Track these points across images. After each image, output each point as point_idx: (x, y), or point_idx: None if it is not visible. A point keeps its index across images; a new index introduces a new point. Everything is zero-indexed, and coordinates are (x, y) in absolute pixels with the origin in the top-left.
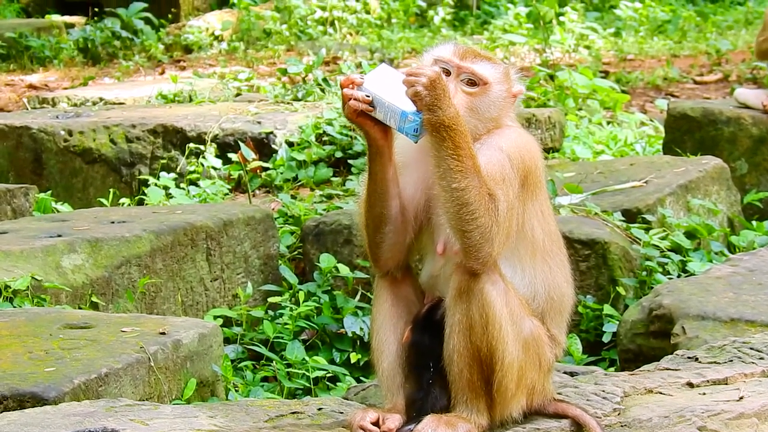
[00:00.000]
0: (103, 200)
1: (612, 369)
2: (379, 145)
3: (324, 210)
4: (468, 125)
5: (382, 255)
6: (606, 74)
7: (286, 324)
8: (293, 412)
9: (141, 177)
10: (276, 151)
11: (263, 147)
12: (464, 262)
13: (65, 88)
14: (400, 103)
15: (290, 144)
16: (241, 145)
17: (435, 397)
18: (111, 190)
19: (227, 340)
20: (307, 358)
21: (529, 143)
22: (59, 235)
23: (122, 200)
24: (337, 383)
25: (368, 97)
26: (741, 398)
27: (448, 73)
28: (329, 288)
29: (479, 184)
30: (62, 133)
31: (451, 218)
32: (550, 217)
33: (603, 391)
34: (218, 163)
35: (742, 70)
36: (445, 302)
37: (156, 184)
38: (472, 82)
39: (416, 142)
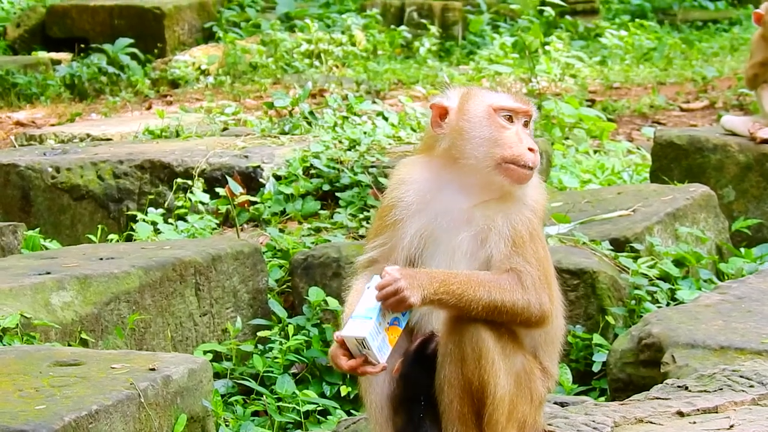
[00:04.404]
0: (92, 237)
1: (602, 399)
2: None
3: (312, 243)
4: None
5: None
6: (592, 103)
7: (275, 358)
8: None
9: (129, 213)
10: (263, 185)
11: (251, 181)
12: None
13: (52, 125)
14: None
15: (278, 178)
16: (229, 179)
17: (425, 431)
18: (99, 226)
19: (217, 375)
20: (297, 392)
21: (542, 186)
22: (48, 273)
23: (110, 236)
24: (328, 417)
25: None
26: (731, 426)
27: (510, 119)
28: (318, 321)
29: (492, 285)
30: (50, 170)
31: (493, 319)
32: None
33: (593, 421)
34: (206, 197)
35: (729, 96)
36: (437, 336)
37: (144, 220)
38: (527, 124)
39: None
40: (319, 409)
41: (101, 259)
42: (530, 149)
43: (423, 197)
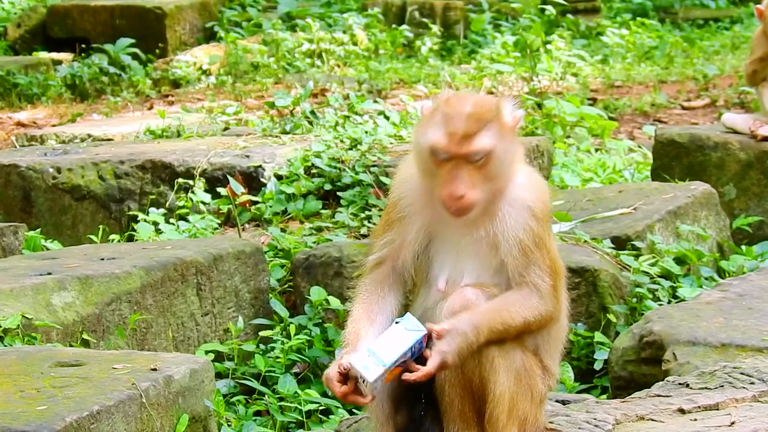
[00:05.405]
0: (93, 237)
1: (604, 396)
2: None
3: (314, 243)
4: (491, 192)
5: None
6: (593, 101)
7: (277, 357)
8: None
9: (130, 213)
10: (265, 185)
11: (252, 181)
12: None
13: (53, 125)
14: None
15: (279, 177)
16: (230, 179)
17: (426, 429)
18: (100, 226)
19: (219, 375)
20: (299, 392)
21: (543, 185)
22: (49, 273)
23: (112, 237)
24: (330, 416)
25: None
26: (732, 423)
27: (446, 160)
28: (320, 321)
29: (516, 308)
30: (51, 170)
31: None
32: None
33: (595, 419)
34: (207, 197)
35: (730, 95)
36: None
37: (145, 220)
38: (476, 161)
39: None
40: (321, 408)
41: (102, 259)
42: (451, 195)
43: (423, 195)
